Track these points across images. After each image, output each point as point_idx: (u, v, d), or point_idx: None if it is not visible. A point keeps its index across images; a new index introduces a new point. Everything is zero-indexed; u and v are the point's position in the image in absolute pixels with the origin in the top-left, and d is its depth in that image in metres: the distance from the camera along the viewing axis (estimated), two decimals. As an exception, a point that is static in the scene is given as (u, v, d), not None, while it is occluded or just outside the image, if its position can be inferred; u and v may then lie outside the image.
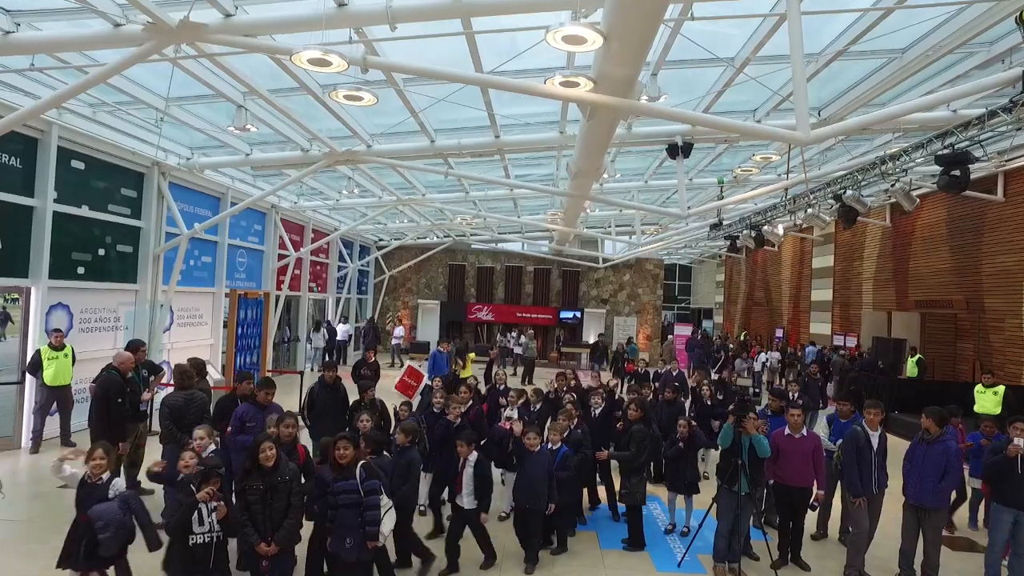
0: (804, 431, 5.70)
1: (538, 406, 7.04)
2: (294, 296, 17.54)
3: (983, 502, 6.84)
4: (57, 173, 8.56)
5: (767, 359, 16.56)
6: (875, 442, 5.53)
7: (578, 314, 23.08)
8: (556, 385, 7.78)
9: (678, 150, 9.97)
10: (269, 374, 14.13)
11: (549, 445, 5.71)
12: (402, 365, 19.09)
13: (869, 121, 6.02)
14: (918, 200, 9.05)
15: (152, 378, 6.89)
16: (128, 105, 8.55)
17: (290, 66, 7.17)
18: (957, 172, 6.26)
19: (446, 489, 5.82)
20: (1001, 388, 9.28)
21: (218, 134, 9.94)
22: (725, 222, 13.93)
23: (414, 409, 6.83)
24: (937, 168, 6.79)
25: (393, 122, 9.35)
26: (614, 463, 6.65)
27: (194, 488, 3.79)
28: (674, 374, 9.36)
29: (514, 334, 21.28)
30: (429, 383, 7.90)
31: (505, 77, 6.73)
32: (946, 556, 6.16)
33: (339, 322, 19.17)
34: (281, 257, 15.60)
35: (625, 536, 6.11)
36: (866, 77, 8.62)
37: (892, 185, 7.72)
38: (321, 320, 18.34)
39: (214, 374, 10.08)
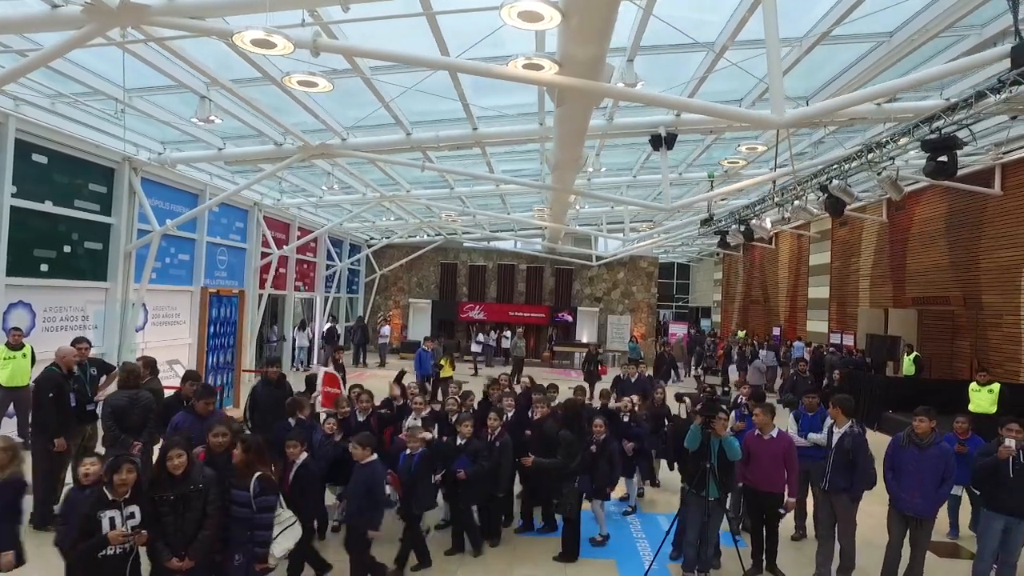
0: (775, 432, 5.38)
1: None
2: (280, 295, 17.28)
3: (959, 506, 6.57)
4: (16, 167, 8.28)
5: (765, 357, 16.23)
6: (834, 439, 5.21)
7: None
8: (491, 392, 7.12)
9: (661, 141, 9.65)
10: (249, 373, 13.88)
11: (407, 451, 5.29)
12: (383, 364, 18.89)
13: (843, 103, 5.71)
14: (906, 190, 8.73)
15: (104, 377, 6.60)
16: (87, 96, 8.27)
17: (250, 54, 6.89)
18: (944, 158, 5.94)
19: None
20: (996, 386, 8.94)
21: (190, 128, 9.67)
22: (715, 217, 13.60)
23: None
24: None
25: (368, 115, 9.05)
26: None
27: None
28: (632, 380, 8.95)
29: (494, 333, 20.99)
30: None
31: (472, 61, 6.43)
32: (931, 562, 5.85)
33: (327, 321, 18.90)
34: (264, 255, 15.33)
35: (596, 541, 5.82)
36: (855, 63, 8.32)
37: (879, 174, 7.39)
38: (306, 319, 18.09)
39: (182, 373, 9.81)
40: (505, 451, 5.58)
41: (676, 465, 6.36)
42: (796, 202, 8.95)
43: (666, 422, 6.96)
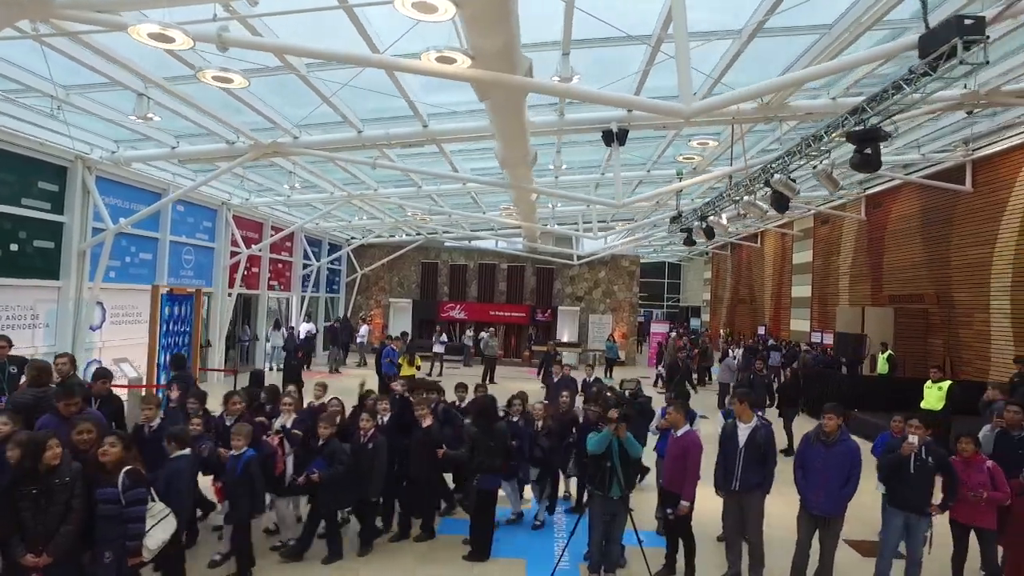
0: (682, 431, 5.27)
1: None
2: (253, 294, 17.24)
3: None
4: (-45, 165, 8.25)
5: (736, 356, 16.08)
6: (742, 436, 5.10)
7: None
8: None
9: (613, 137, 9.56)
10: (220, 373, 13.85)
11: (232, 452, 4.99)
12: (365, 364, 18.80)
13: (748, 94, 5.62)
14: (841, 183, 8.62)
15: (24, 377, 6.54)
16: (20, 93, 8.23)
17: (179, 51, 6.82)
18: (869, 150, 5.84)
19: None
20: (947, 384, 8.83)
21: (142, 128, 9.63)
22: (683, 216, 13.48)
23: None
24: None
25: (310, 112, 8.99)
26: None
27: None
28: (556, 379, 8.69)
29: (470, 333, 20.89)
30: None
31: (390, 57, 6.36)
32: (853, 560, 5.76)
33: (302, 320, 18.85)
34: (234, 255, 15.29)
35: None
36: (802, 55, 8.21)
37: (814, 167, 7.29)
38: (280, 319, 18.05)
39: (130, 372, 9.77)
40: (378, 454, 5.39)
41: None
42: (746, 198, 8.85)
43: (573, 431, 6.40)
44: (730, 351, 14.63)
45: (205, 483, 5.43)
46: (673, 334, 23.92)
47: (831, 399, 13.29)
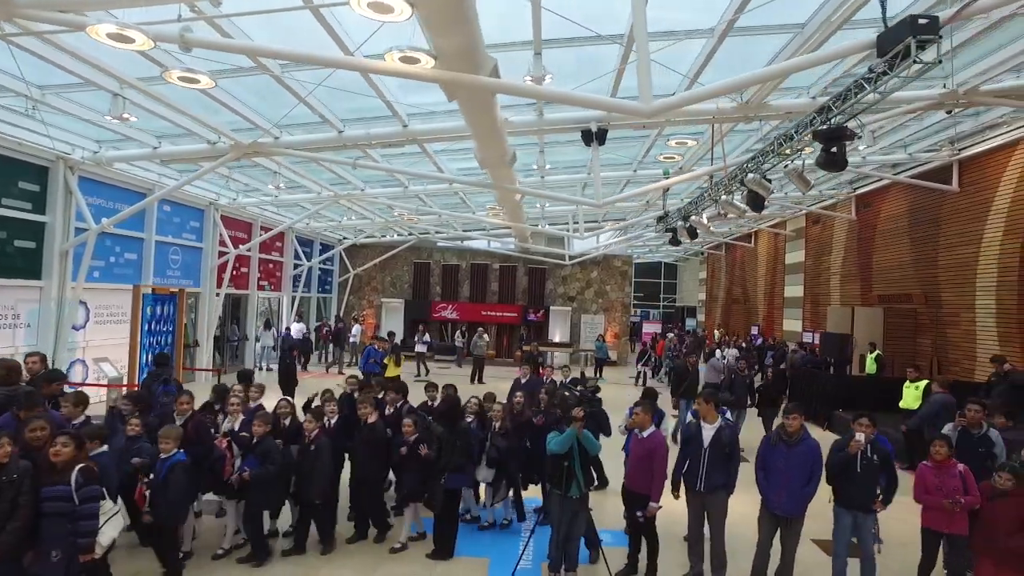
0: (647, 432, 5.27)
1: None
2: (242, 294, 17.27)
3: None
4: (-69, 164, 8.28)
5: (724, 355, 16.07)
6: (706, 436, 5.10)
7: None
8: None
9: (592, 136, 9.58)
10: (208, 373, 13.87)
11: (162, 454, 4.82)
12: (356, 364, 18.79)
13: (706, 93, 5.62)
14: (812, 181, 8.63)
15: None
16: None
17: (154, 53, 6.84)
18: (835, 149, 5.83)
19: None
20: (923, 383, 8.82)
21: (123, 128, 9.65)
22: (669, 216, 13.48)
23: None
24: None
25: (287, 112, 9.00)
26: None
27: None
28: (523, 381, 8.41)
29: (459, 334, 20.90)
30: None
31: (355, 58, 6.37)
32: (820, 560, 5.75)
33: (293, 320, 18.87)
34: (222, 255, 15.32)
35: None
36: (778, 54, 8.20)
37: (786, 167, 7.29)
38: (271, 319, 18.07)
39: (110, 371, 9.79)
40: (320, 455, 5.34)
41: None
42: (724, 197, 8.84)
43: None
44: (718, 351, 14.60)
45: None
46: (671, 335, 23.91)
47: (818, 399, 13.41)
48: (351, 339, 19.82)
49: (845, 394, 12.91)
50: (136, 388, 10.34)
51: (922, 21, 4.42)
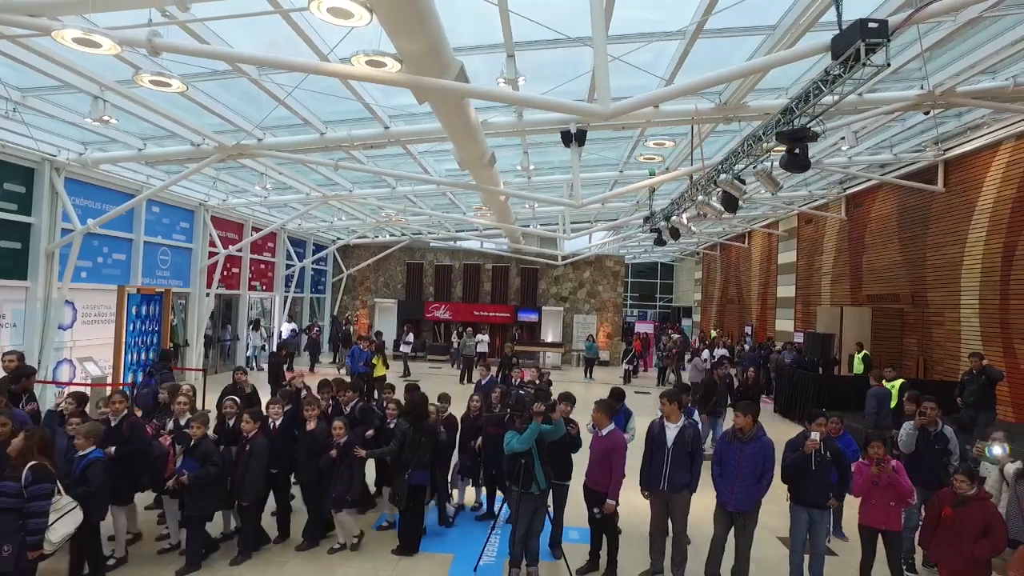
0: (606, 430, 5.33)
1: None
2: (233, 295, 17.36)
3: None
4: (-86, 166, 8.37)
5: (712, 356, 16.11)
6: (670, 436, 5.16)
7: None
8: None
9: (571, 137, 9.64)
10: (199, 373, 13.95)
11: (78, 452, 4.71)
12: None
13: (662, 95, 5.68)
14: (782, 184, 8.68)
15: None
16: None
17: (131, 56, 6.92)
18: (798, 150, 5.89)
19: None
20: (898, 383, 8.86)
21: (107, 131, 9.74)
22: (655, 216, 13.52)
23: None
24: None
25: (267, 114, 9.08)
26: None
27: None
28: (483, 382, 8.36)
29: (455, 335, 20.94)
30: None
31: (328, 63, 6.45)
32: (778, 556, 5.79)
33: (284, 320, 18.96)
34: (212, 255, 15.41)
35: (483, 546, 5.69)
36: (753, 55, 8.24)
37: (755, 167, 7.34)
38: (260, 319, 18.15)
39: (94, 370, 9.89)
40: (253, 457, 5.28)
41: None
42: (700, 197, 8.90)
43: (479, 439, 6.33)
44: (705, 352, 14.65)
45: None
46: (675, 336, 23.82)
47: (804, 400, 13.41)
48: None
49: (832, 394, 12.94)
50: (120, 387, 10.44)
51: (872, 25, 4.47)
